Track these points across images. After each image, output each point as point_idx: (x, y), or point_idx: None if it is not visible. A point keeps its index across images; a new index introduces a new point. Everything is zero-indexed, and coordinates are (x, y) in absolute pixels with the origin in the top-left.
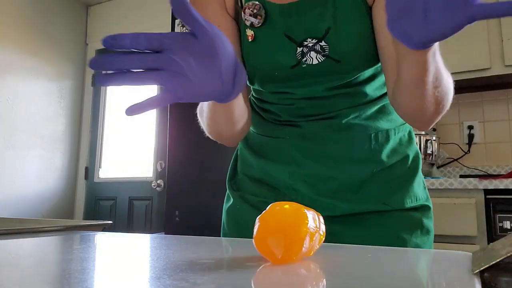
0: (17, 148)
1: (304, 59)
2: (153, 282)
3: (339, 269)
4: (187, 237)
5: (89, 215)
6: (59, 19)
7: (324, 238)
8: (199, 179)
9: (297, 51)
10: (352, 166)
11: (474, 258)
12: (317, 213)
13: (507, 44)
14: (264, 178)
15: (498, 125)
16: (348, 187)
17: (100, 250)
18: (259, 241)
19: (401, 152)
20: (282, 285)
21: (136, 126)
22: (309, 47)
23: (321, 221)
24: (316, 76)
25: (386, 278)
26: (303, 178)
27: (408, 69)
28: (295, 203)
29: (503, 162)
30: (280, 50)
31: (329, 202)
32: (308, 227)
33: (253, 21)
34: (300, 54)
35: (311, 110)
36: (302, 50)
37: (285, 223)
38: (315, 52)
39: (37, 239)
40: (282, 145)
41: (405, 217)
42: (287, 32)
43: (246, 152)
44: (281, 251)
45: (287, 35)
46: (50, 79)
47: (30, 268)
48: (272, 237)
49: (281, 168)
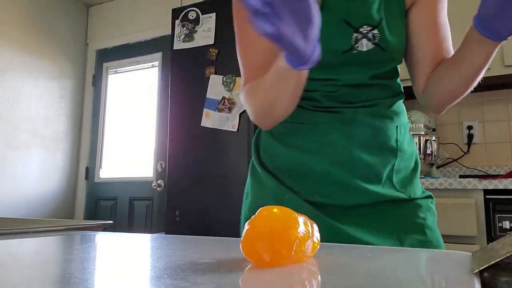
0: (18, 148)
1: (356, 45)
2: (153, 282)
3: (339, 269)
4: (187, 237)
5: (90, 215)
6: (59, 19)
7: (318, 246)
8: (200, 179)
9: (353, 36)
10: (386, 153)
11: (474, 258)
12: (310, 220)
13: (507, 44)
14: (291, 166)
15: (498, 125)
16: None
17: (101, 250)
18: (246, 245)
19: (411, 147)
20: (283, 285)
21: (136, 126)
22: (363, 34)
23: (315, 228)
24: (363, 64)
25: (386, 278)
26: (341, 163)
27: (475, 58)
28: (285, 208)
29: (502, 162)
30: (336, 35)
31: (364, 187)
32: (298, 231)
33: None
34: (354, 40)
35: (352, 98)
36: (357, 36)
37: (273, 227)
38: (366, 40)
39: (38, 239)
40: (321, 130)
41: (419, 204)
42: (347, 18)
43: (271, 142)
44: (268, 255)
45: (346, 20)
46: (51, 79)
47: (30, 268)
48: (260, 240)
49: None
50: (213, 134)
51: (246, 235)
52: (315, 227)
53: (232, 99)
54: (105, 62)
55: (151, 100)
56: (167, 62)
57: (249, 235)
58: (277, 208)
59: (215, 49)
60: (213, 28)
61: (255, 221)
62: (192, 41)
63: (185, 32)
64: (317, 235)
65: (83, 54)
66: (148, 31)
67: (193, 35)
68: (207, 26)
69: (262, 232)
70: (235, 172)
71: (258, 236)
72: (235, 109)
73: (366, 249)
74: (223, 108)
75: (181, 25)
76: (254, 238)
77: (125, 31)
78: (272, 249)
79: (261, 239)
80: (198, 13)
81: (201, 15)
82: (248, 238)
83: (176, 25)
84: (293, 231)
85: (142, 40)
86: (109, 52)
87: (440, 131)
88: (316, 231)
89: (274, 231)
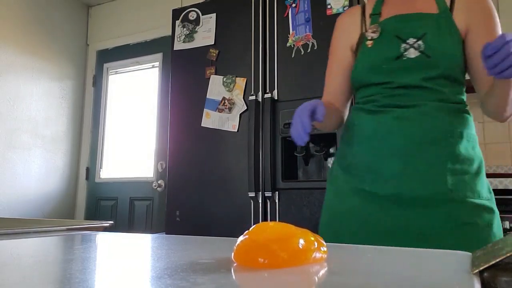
0: (18, 148)
1: (405, 52)
2: (154, 281)
3: (339, 269)
4: (187, 237)
5: (90, 216)
6: (60, 19)
7: (324, 255)
8: (200, 179)
9: (402, 46)
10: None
11: (474, 258)
12: (315, 235)
13: None
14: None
15: (498, 125)
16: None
17: (101, 250)
18: (239, 256)
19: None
20: (283, 285)
21: (137, 127)
22: (410, 45)
23: (322, 241)
24: (412, 68)
25: (386, 278)
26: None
27: (500, 89)
28: (283, 223)
29: (502, 162)
30: (389, 47)
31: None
32: (298, 238)
33: (373, 35)
34: (403, 49)
35: (405, 99)
36: (405, 46)
37: (271, 235)
38: (413, 49)
39: (39, 239)
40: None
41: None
42: (397, 33)
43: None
44: (266, 258)
45: (396, 35)
46: (51, 80)
47: (31, 268)
48: (256, 245)
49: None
50: (214, 134)
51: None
52: (321, 240)
53: (232, 99)
54: (105, 62)
55: (152, 101)
56: (168, 63)
57: (243, 245)
58: (274, 223)
59: (215, 50)
60: (213, 29)
61: (251, 232)
62: (192, 41)
63: (186, 32)
64: (324, 248)
65: (83, 54)
66: (149, 32)
67: (193, 36)
68: (207, 27)
69: (258, 239)
70: (236, 172)
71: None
72: (235, 109)
73: (366, 249)
74: (223, 109)
75: (182, 26)
76: (248, 245)
77: (126, 32)
78: (269, 251)
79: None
80: (199, 14)
81: (201, 16)
82: (242, 249)
83: (177, 25)
84: (292, 237)
85: (143, 40)
86: (110, 52)
87: None
88: (321, 241)
89: (271, 237)
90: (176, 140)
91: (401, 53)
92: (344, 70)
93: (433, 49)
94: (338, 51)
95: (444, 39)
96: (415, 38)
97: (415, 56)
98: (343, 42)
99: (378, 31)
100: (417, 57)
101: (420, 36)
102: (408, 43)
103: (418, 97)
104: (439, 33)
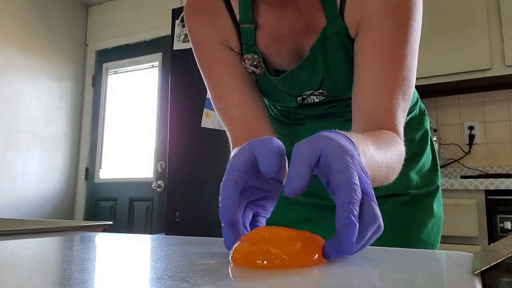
0: (17, 148)
1: (305, 101)
2: (153, 282)
3: (339, 269)
4: (187, 237)
5: (90, 216)
6: (59, 19)
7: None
8: (200, 180)
9: (298, 99)
10: None
11: (475, 258)
12: (315, 235)
13: (508, 44)
14: None
15: (499, 125)
16: None
17: (101, 251)
18: (238, 258)
19: None
20: (284, 285)
21: (136, 127)
22: (308, 94)
23: (323, 241)
24: (318, 105)
25: (386, 278)
26: None
27: None
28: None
29: (504, 162)
30: (282, 99)
31: None
32: (297, 239)
33: (254, 70)
34: (301, 100)
35: (313, 118)
36: (302, 97)
37: (268, 237)
38: (314, 96)
39: (38, 240)
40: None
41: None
42: (286, 91)
43: None
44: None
45: (286, 93)
46: (51, 80)
47: (30, 268)
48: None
49: None
50: (213, 135)
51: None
52: (321, 240)
53: None
54: (105, 62)
55: (151, 101)
56: (167, 63)
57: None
58: (272, 227)
59: None
60: None
61: (248, 236)
62: None
63: (185, 32)
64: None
65: (82, 54)
66: (148, 31)
67: None
68: None
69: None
70: None
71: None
72: None
73: (366, 249)
74: None
75: (181, 25)
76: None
77: (125, 32)
78: (269, 253)
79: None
80: None
81: None
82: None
83: (176, 25)
84: (292, 239)
85: (142, 40)
86: (109, 52)
87: (441, 132)
88: (322, 241)
89: (269, 239)
90: (176, 140)
91: (301, 103)
92: (247, 85)
93: (338, 90)
94: (225, 67)
95: (346, 68)
96: (312, 90)
97: (319, 100)
98: (223, 54)
99: (261, 67)
100: (321, 100)
101: (317, 86)
102: (306, 94)
103: (324, 120)
104: (337, 65)
